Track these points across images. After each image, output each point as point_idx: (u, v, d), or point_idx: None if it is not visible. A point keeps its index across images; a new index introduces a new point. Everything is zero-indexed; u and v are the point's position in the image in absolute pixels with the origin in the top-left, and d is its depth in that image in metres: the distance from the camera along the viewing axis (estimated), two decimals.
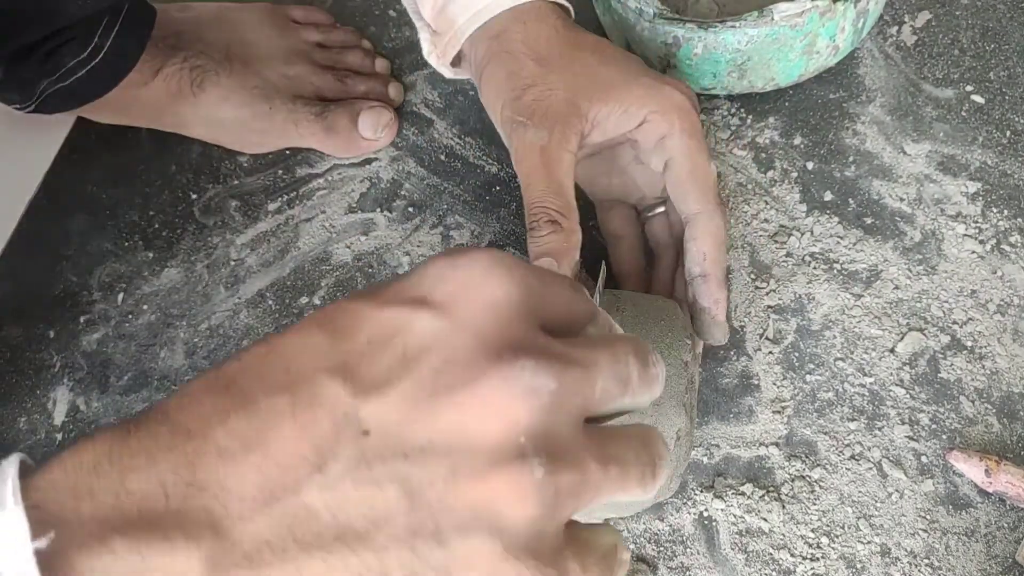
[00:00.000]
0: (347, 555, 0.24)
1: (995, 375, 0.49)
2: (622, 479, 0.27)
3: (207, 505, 0.24)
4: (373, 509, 0.24)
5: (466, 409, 0.25)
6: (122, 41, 0.57)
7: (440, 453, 0.24)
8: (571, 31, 0.49)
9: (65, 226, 0.63)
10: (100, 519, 0.23)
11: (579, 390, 0.26)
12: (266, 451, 0.24)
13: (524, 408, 0.25)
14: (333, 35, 0.65)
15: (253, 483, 0.24)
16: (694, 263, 0.47)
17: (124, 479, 0.24)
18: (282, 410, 0.25)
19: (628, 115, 0.46)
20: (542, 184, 0.44)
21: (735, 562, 0.46)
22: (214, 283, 0.60)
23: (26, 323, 0.60)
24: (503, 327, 0.26)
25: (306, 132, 0.61)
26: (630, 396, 0.28)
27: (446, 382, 0.25)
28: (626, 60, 0.49)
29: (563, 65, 0.47)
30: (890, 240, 0.53)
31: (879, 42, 0.60)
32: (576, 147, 0.46)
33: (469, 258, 0.27)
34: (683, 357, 0.44)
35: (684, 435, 0.44)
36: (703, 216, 0.47)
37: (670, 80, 0.48)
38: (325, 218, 0.60)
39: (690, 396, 0.45)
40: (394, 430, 0.25)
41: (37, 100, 0.57)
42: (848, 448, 0.48)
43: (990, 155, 0.55)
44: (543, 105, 0.46)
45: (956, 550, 0.45)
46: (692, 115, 0.47)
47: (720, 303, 0.47)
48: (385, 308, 0.26)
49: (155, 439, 0.24)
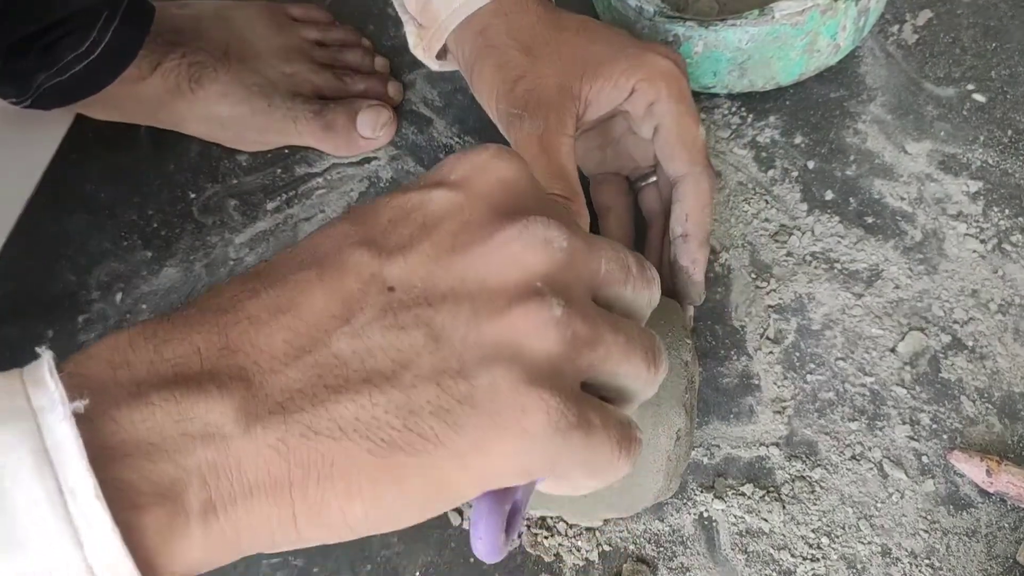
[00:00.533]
0: (376, 395, 0.25)
1: (996, 375, 0.49)
2: (629, 350, 0.28)
3: (240, 363, 0.25)
4: (400, 352, 0.25)
5: (485, 259, 0.26)
6: (120, 36, 0.57)
7: (462, 298, 0.26)
8: (553, 14, 0.49)
9: (63, 225, 0.63)
10: (137, 381, 0.25)
11: (587, 260, 0.28)
12: (296, 313, 0.26)
13: (539, 255, 0.26)
14: (332, 33, 0.65)
15: (283, 340, 0.25)
16: (677, 223, 0.48)
17: (160, 350, 0.25)
18: (310, 279, 0.26)
19: (618, 88, 0.47)
20: (544, 172, 0.45)
21: (735, 563, 0.46)
22: (213, 282, 0.59)
23: (24, 322, 0.60)
24: (514, 198, 0.28)
25: (305, 130, 0.61)
26: (631, 286, 0.30)
27: (464, 240, 0.27)
28: (611, 34, 0.49)
29: (550, 51, 0.47)
30: (891, 239, 0.53)
31: (880, 40, 0.59)
32: (573, 130, 0.46)
33: (480, 147, 0.29)
34: (683, 356, 0.44)
35: (684, 435, 0.43)
36: (690, 178, 0.47)
37: (656, 46, 0.48)
38: (324, 217, 0.60)
39: (690, 396, 0.44)
40: (418, 283, 0.26)
41: (34, 95, 0.57)
42: (849, 448, 0.48)
43: (991, 154, 0.55)
44: (535, 95, 0.46)
45: (957, 550, 0.45)
46: (680, 80, 0.47)
47: (698, 263, 0.48)
48: (404, 194, 0.28)
49: (188, 320, 0.26)
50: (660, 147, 0.48)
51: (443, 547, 0.49)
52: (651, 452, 0.43)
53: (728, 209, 0.56)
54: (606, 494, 0.43)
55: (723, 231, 0.55)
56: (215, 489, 0.24)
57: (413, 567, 0.49)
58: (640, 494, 0.43)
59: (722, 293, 0.53)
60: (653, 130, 0.48)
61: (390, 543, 0.50)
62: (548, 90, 0.46)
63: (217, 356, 0.25)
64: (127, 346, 0.25)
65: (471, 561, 0.49)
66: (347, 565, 0.49)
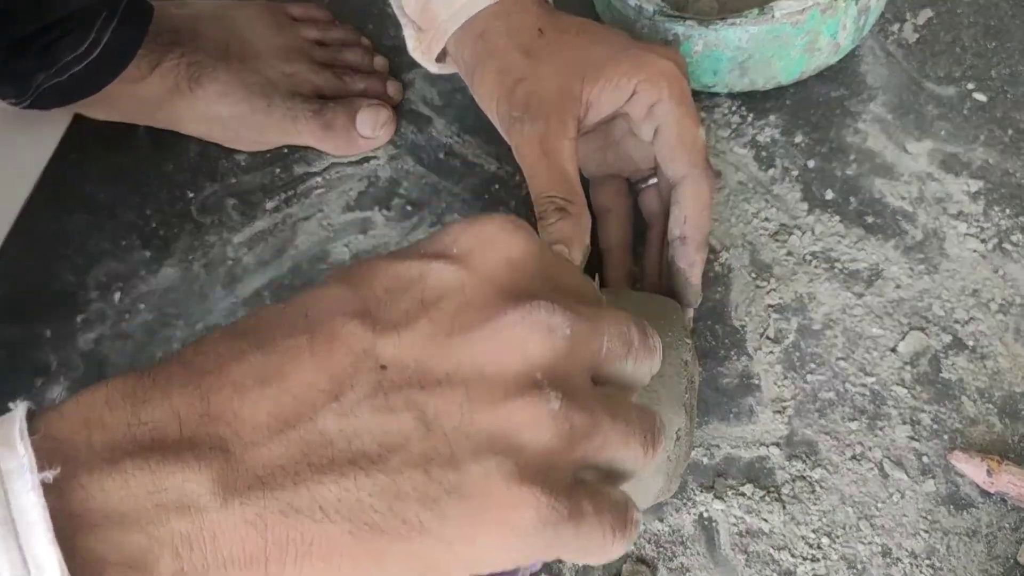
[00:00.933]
0: (361, 477, 0.24)
1: (997, 375, 0.49)
2: (627, 435, 0.28)
3: (220, 432, 0.24)
4: (388, 435, 0.24)
5: (484, 345, 0.25)
6: (119, 36, 0.57)
7: (457, 384, 0.25)
8: (553, 16, 0.48)
9: (62, 225, 0.63)
10: (111, 446, 0.24)
11: (588, 343, 0.27)
12: (282, 383, 0.25)
13: (541, 345, 0.26)
14: (332, 32, 0.65)
15: (267, 412, 0.24)
16: (675, 225, 0.47)
17: (137, 411, 0.24)
18: (300, 347, 0.25)
19: (619, 89, 0.46)
20: (545, 175, 0.45)
21: (735, 563, 0.46)
22: (211, 282, 0.59)
23: (22, 322, 0.59)
24: (519, 279, 0.27)
25: (304, 130, 0.61)
26: (632, 359, 0.29)
27: (463, 322, 0.26)
28: (612, 36, 0.48)
29: (550, 53, 0.47)
30: (891, 239, 0.53)
31: (881, 40, 0.59)
32: (575, 132, 0.46)
33: (486, 218, 0.28)
34: (683, 356, 0.44)
35: (684, 435, 0.43)
36: (689, 179, 0.47)
37: (657, 48, 0.48)
38: (323, 217, 0.60)
39: (690, 396, 0.44)
40: (412, 364, 0.25)
41: (32, 95, 0.57)
42: (849, 448, 0.48)
43: (992, 153, 0.55)
44: (536, 97, 0.46)
45: (957, 550, 0.45)
46: (680, 81, 0.47)
47: (695, 266, 0.48)
48: (404, 262, 0.27)
49: (169, 378, 0.25)
50: (660, 149, 0.48)
51: None
52: None
53: (728, 208, 0.56)
54: None
55: (723, 230, 0.55)
56: (188, 561, 0.23)
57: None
58: (640, 495, 0.43)
59: (722, 293, 0.53)
60: (653, 132, 0.48)
61: None
62: (549, 93, 0.46)
63: (197, 423, 0.24)
64: (104, 404, 0.24)
65: None
66: None
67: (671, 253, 0.48)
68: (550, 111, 0.45)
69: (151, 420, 0.24)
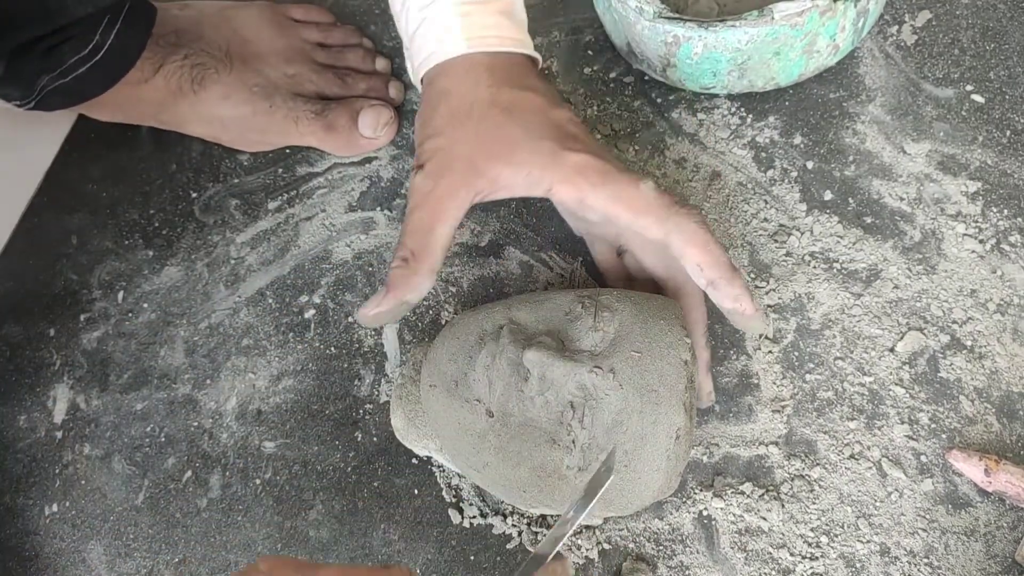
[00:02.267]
0: None
1: (995, 374, 0.49)
2: None
3: None
4: None
5: None
6: (123, 38, 0.57)
7: None
8: (494, 88, 0.48)
9: (65, 224, 0.63)
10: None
11: None
12: None
13: None
14: (333, 34, 0.65)
15: None
16: (696, 277, 0.46)
17: None
18: None
19: (532, 179, 0.47)
20: (412, 225, 0.47)
21: (734, 561, 0.46)
22: (214, 281, 0.60)
23: (26, 321, 0.60)
24: None
25: (306, 131, 0.61)
26: None
27: None
28: (535, 120, 0.48)
29: (473, 122, 0.47)
30: (890, 239, 0.53)
31: (879, 41, 0.60)
32: (465, 201, 0.47)
33: None
34: (683, 356, 0.44)
35: (684, 434, 0.44)
36: (673, 232, 0.46)
37: (572, 139, 0.47)
38: (325, 216, 0.60)
39: (690, 395, 0.45)
40: None
41: (37, 97, 0.57)
42: (847, 447, 0.48)
43: (990, 154, 0.55)
44: (439, 155, 0.47)
45: (955, 549, 0.45)
46: (594, 172, 0.46)
47: (741, 298, 0.45)
48: None
49: None
50: (624, 231, 0.49)
51: (443, 545, 0.50)
52: (651, 451, 0.43)
53: (727, 209, 0.56)
54: (606, 493, 0.43)
55: (722, 231, 0.55)
56: None
57: (414, 564, 0.49)
58: (640, 492, 0.44)
59: None
60: (601, 217, 0.48)
61: (391, 540, 0.50)
62: (453, 157, 0.47)
63: None
64: None
65: (471, 559, 0.49)
66: (348, 562, 0.49)
67: (715, 301, 0.46)
68: (445, 173, 0.47)
69: None
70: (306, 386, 0.55)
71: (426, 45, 0.49)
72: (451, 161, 0.47)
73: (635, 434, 0.43)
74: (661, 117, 0.60)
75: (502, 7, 0.49)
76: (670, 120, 0.59)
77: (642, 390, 0.43)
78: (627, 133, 0.60)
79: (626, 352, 0.44)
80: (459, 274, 0.57)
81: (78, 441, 0.56)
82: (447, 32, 0.48)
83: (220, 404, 0.56)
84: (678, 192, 0.57)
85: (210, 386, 0.56)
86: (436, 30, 0.48)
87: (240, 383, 0.56)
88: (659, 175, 0.58)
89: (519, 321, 0.46)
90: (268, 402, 0.55)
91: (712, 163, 0.57)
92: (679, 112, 0.60)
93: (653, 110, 0.60)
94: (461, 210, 0.47)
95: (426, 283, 0.47)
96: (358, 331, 0.56)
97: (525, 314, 0.47)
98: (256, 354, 0.57)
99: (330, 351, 0.56)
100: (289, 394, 0.55)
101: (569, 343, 0.45)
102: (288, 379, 0.56)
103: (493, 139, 0.47)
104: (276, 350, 0.57)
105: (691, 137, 0.59)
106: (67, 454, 0.56)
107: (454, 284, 0.57)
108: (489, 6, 0.49)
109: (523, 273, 0.57)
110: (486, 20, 0.48)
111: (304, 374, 0.56)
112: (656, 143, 0.59)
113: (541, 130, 0.47)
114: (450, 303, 0.56)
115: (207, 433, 0.55)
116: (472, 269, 0.57)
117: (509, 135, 0.47)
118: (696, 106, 0.60)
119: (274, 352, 0.57)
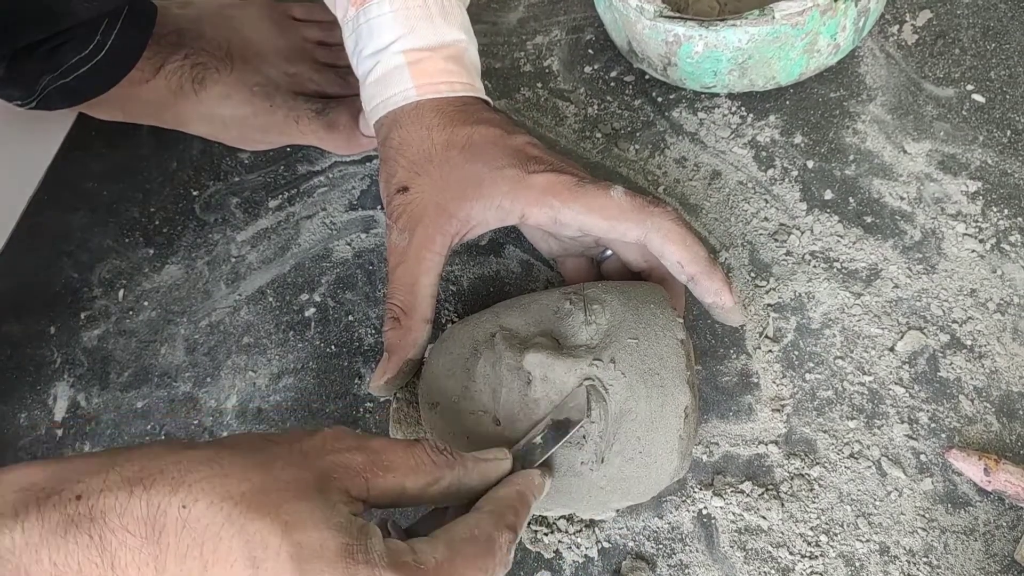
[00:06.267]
0: None
1: (994, 374, 0.49)
2: None
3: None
4: None
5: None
6: (124, 38, 0.57)
7: None
8: (447, 130, 0.48)
9: (66, 222, 0.63)
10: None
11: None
12: None
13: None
14: (334, 33, 0.65)
15: None
16: (677, 274, 0.47)
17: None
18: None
19: (503, 210, 0.47)
20: (397, 282, 0.47)
21: (734, 560, 0.46)
22: (215, 280, 0.60)
23: (27, 319, 0.60)
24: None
25: (307, 129, 0.61)
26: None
27: None
28: (494, 151, 0.48)
29: (435, 167, 0.48)
30: (890, 239, 0.54)
31: (880, 41, 0.60)
32: (443, 247, 0.47)
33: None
34: (678, 335, 0.45)
35: (691, 412, 0.44)
36: (650, 232, 0.46)
37: (534, 161, 0.47)
38: (326, 215, 0.61)
39: (691, 373, 0.45)
40: None
41: (38, 96, 0.57)
42: (847, 446, 0.48)
43: (990, 154, 0.55)
44: (409, 208, 0.47)
45: (955, 548, 0.45)
46: (562, 188, 0.46)
47: (721, 292, 0.47)
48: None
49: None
50: (604, 241, 0.49)
51: None
52: (662, 433, 0.43)
53: (728, 208, 0.56)
54: (621, 484, 0.44)
55: (723, 230, 0.55)
56: None
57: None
58: (657, 477, 0.44)
59: None
60: (577, 232, 0.48)
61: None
62: (422, 206, 0.47)
63: None
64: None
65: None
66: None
67: (696, 296, 0.48)
68: (417, 224, 0.47)
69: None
70: (306, 384, 0.55)
71: (377, 92, 0.49)
72: (421, 212, 0.47)
73: (645, 419, 0.43)
74: (662, 116, 0.60)
75: (452, 53, 0.49)
76: (671, 119, 0.60)
77: (645, 375, 0.43)
78: (627, 132, 0.60)
79: (623, 340, 0.44)
80: (459, 273, 0.57)
81: (78, 439, 0.56)
82: (397, 80, 0.48)
83: (220, 402, 0.56)
84: (678, 192, 0.57)
85: (210, 384, 0.56)
86: (386, 77, 0.49)
87: (240, 381, 0.56)
88: (659, 174, 0.58)
89: (510, 327, 0.46)
90: (268, 400, 0.55)
91: (712, 162, 0.58)
92: (680, 111, 0.60)
93: (654, 109, 0.60)
94: (441, 256, 0.47)
95: (422, 336, 0.47)
96: (358, 329, 0.56)
97: (515, 319, 0.47)
98: (256, 352, 0.57)
99: (330, 349, 0.56)
100: (289, 392, 0.55)
101: (564, 341, 0.45)
102: (288, 377, 0.56)
103: (457, 180, 0.47)
104: (276, 348, 0.57)
105: (691, 136, 0.59)
106: (67, 452, 0.56)
107: (454, 283, 0.57)
108: (439, 52, 0.49)
109: (523, 272, 0.57)
110: (436, 66, 0.48)
111: (304, 372, 0.56)
112: (656, 142, 0.59)
113: (502, 159, 0.47)
114: (450, 302, 0.56)
115: (207, 431, 0.55)
116: (472, 268, 0.57)
117: (472, 172, 0.47)
118: (697, 105, 0.60)
119: (274, 350, 0.57)
